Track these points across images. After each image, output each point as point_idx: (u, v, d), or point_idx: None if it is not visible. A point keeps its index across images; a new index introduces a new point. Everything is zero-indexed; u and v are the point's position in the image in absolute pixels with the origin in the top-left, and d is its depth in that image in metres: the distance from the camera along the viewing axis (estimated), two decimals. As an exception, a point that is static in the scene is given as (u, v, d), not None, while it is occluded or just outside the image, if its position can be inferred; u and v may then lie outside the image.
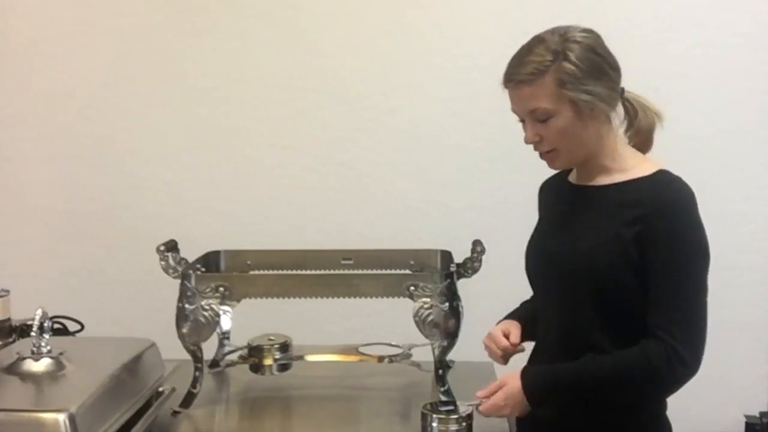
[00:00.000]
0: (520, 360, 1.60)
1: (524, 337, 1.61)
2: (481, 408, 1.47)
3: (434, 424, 1.44)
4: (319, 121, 2.50)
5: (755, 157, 2.41)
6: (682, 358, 1.36)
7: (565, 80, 1.40)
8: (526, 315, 1.66)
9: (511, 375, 1.48)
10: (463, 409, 1.45)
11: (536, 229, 1.64)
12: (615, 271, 1.41)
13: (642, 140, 1.53)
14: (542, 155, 1.49)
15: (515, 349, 1.60)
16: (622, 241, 1.41)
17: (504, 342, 1.59)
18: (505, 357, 1.61)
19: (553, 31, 1.44)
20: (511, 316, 1.68)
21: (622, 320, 1.43)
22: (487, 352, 1.64)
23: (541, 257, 1.56)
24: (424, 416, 1.46)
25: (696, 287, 1.40)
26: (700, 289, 1.41)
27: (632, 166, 1.49)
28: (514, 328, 1.61)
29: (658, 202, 1.40)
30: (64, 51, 2.53)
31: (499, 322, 1.67)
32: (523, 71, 1.42)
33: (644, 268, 1.40)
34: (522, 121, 1.48)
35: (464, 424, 1.44)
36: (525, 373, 1.47)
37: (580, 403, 1.44)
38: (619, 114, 1.50)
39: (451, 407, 1.47)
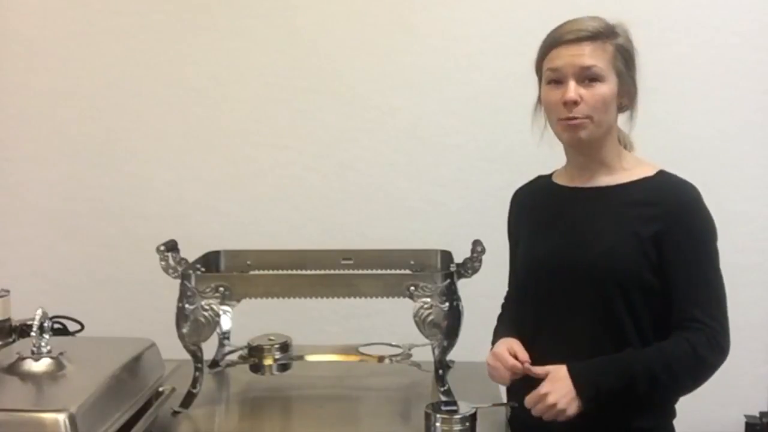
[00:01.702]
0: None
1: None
2: (526, 400, 1.43)
3: (438, 424, 1.44)
4: (319, 121, 2.50)
5: (755, 157, 2.41)
6: (721, 345, 1.42)
7: (622, 53, 1.47)
8: (515, 332, 1.60)
9: (555, 366, 1.44)
10: (466, 409, 1.45)
11: (530, 237, 1.62)
12: (637, 269, 1.44)
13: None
14: (569, 122, 1.46)
15: (525, 368, 1.50)
16: (641, 239, 1.43)
17: (512, 361, 1.51)
18: (512, 377, 1.53)
19: (600, 18, 1.50)
20: (502, 335, 1.62)
21: (645, 318, 1.45)
22: (489, 371, 1.56)
23: (551, 263, 1.53)
24: (427, 416, 1.46)
25: (718, 276, 1.46)
26: (721, 277, 1.46)
27: (633, 166, 1.52)
28: (518, 346, 1.54)
29: (674, 199, 1.45)
30: (64, 51, 2.53)
31: (495, 341, 1.63)
32: (590, 29, 1.46)
33: (662, 266, 1.43)
34: (557, 82, 1.47)
35: (467, 424, 1.44)
36: (571, 365, 1.43)
37: (629, 394, 1.40)
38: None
39: (453, 407, 1.47)
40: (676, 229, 1.42)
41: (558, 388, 1.41)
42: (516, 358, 1.52)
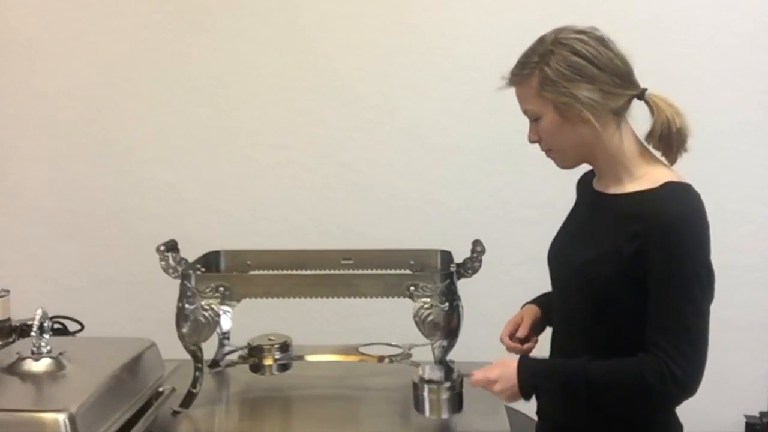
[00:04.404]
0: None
1: (543, 324, 1.63)
2: (472, 378, 1.48)
3: (425, 394, 1.47)
4: (319, 121, 2.50)
5: (755, 157, 2.42)
6: (676, 378, 1.34)
7: (545, 83, 1.42)
8: (546, 301, 1.65)
9: (510, 359, 1.50)
10: (454, 375, 1.48)
11: (563, 224, 1.63)
12: (610, 286, 1.40)
13: (664, 145, 1.46)
14: (547, 155, 1.51)
15: (524, 346, 1.59)
16: (621, 256, 1.39)
17: (505, 340, 1.61)
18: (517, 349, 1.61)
19: (553, 31, 1.45)
20: (536, 300, 1.68)
21: (617, 332, 1.42)
22: None
23: (554, 259, 1.57)
24: (415, 386, 1.48)
25: (694, 307, 1.36)
26: (699, 309, 1.37)
27: (643, 174, 1.45)
28: (528, 317, 1.62)
29: (657, 217, 1.36)
30: (64, 51, 2.53)
31: (525, 305, 1.68)
32: (514, 72, 1.47)
33: (645, 283, 1.38)
34: None
35: (455, 392, 1.47)
36: (522, 360, 1.48)
37: (568, 401, 1.43)
38: (633, 116, 1.48)
39: (439, 376, 1.51)
40: (653, 245, 1.36)
41: (506, 379, 1.46)
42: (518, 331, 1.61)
